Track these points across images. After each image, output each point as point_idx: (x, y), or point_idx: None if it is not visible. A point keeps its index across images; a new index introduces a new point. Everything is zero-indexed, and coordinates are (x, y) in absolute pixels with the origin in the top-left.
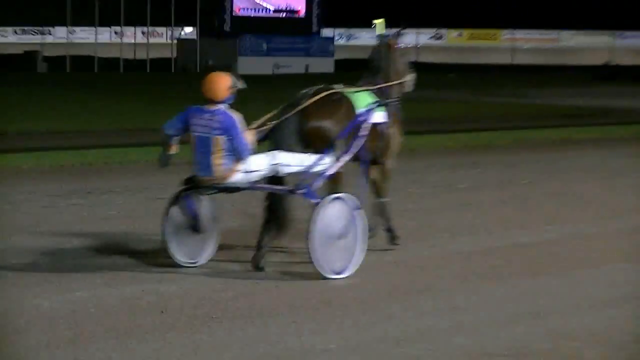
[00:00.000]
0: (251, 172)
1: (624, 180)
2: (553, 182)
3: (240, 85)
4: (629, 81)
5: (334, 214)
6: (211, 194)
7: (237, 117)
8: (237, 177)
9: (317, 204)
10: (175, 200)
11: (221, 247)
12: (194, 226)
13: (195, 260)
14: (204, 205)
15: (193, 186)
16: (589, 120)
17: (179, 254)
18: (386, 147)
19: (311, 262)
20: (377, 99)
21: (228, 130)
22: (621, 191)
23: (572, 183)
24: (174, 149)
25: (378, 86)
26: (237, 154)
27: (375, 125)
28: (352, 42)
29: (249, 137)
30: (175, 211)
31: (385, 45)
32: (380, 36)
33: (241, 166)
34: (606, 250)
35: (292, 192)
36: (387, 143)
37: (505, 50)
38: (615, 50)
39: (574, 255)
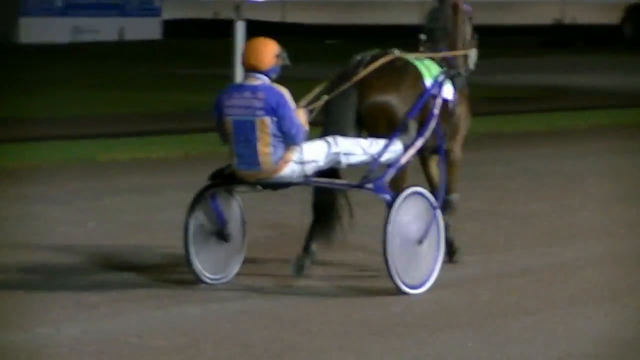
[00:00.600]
0: (307, 162)
1: (581, 188)
2: (473, 199)
3: (286, 60)
4: (587, 47)
5: (413, 213)
6: (250, 192)
7: (284, 92)
8: (290, 169)
9: (391, 201)
10: (199, 201)
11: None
12: (221, 234)
13: (221, 276)
14: (233, 207)
15: (222, 182)
16: (530, 106)
17: (203, 269)
18: (455, 131)
19: (376, 275)
20: (446, 69)
21: (275, 109)
22: (579, 206)
23: (504, 199)
24: None
25: (442, 54)
26: (288, 140)
27: (444, 102)
28: None
29: (301, 117)
30: (200, 215)
31: (451, 5)
32: None
33: (294, 155)
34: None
35: (359, 187)
36: (455, 125)
37: (413, 4)
38: (568, 4)
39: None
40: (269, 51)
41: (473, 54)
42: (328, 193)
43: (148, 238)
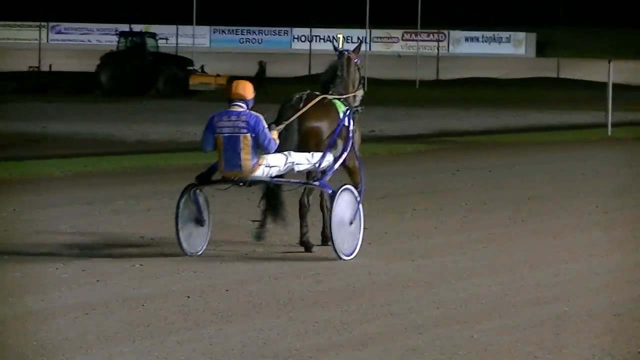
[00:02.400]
0: (272, 167)
1: None
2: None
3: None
4: (65, 94)
5: (345, 202)
6: (226, 188)
7: (260, 116)
8: (261, 171)
9: (332, 193)
10: (184, 195)
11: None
12: (199, 219)
13: (197, 251)
14: (204, 201)
15: (202, 182)
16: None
17: (186, 244)
18: (352, 150)
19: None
20: (349, 106)
21: (254, 128)
22: None
23: None
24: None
25: (345, 96)
26: (263, 149)
27: (348, 128)
28: None
29: (274, 134)
30: (185, 205)
31: (346, 59)
32: (340, 49)
33: (264, 161)
34: None
35: (309, 184)
36: (353, 145)
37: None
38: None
39: None
40: (250, 88)
41: (360, 94)
42: (276, 189)
43: None
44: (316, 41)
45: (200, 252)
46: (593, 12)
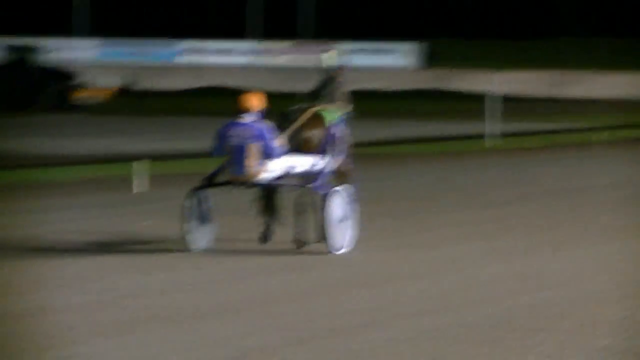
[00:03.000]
0: (272, 172)
1: None
2: None
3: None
4: None
5: (338, 202)
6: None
7: (267, 125)
8: (263, 175)
9: (326, 194)
10: (192, 195)
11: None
12: (204, 218)
13: (200, 247)
14: (209, 201)
15: (211, 184)
16: None
17: (191, 241)
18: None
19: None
20: (340, 114)
21: (260, 137)
22: None
23: None
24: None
25: (337, 105)
26: (268, 157)
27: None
28: None
29: (279, 142)
30: (193, 205)
31: (334, 74)
32: (329, 66)
33: (267, 167)
34: None
35: (304, 186)
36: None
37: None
38: None
39: None
40: (255, 100)
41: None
42: (272, 191)
43: None
44: (202, 54)
45: (204, 248)
46: (479, 23)
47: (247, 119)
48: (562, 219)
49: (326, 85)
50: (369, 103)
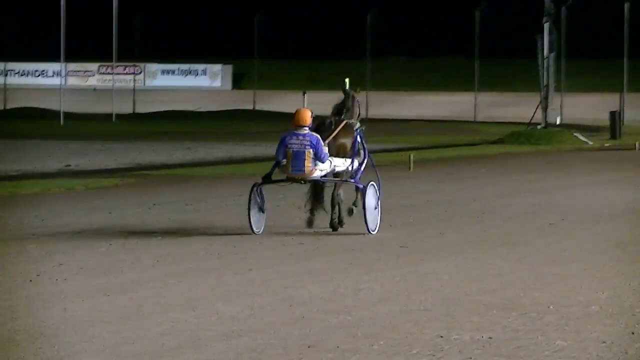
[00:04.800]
0: (322, 170)
1: None
2: None
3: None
4: None
5: (371, 193)
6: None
7: (318, 137)
8: (316, 173)
9: (364, 187)
10: (254, 190)
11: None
12: (262, 208)
13: (259, 230)
14: (264, 195)
15: (266, 182)
16: None
17: (255, 226)
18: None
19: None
20: (359, 126)
21: (314, 145)
22: None
23: None
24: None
25: (354, 120)
26: (319, 160)
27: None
28: None
29: (325, 149)
30: (254, 197)
31: (351, 96)
32: (347, 90)
33: (319, 167)
34: None
35: (348, 181)
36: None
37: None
38: None
39: None
40: (308, 115)
41: (358, 122)
42: (320, 184)
43: None
44: (11, 75)
45: (262, 231)
46: (287, 45)
47: (303, 130)
48: (376, 239)
49: (346, 103)
50: (181, 123)
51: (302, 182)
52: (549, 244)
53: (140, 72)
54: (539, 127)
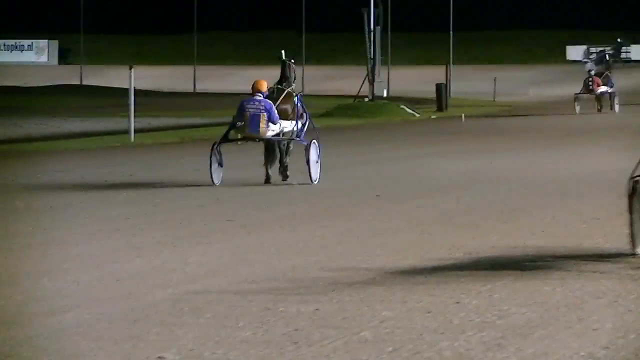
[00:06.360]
0: (273, 131)
1: None
2: None
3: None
4: None
5: (313, 149)
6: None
7: (271, 102)
8: (269, 133)
9: (308, 144)
10: (214, 148)
11: None
12: (220, 162)
13: (219, 182)
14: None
15: (223, 140)
16: None
17: (215, 179)
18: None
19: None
20: (297, 93)
21: (268, 109)
22: None
23: None
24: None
25: (291, 88)
26: (271, 122)
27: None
28: None
29: (276, 113)
30: (214, 155)
31: (288, 65)
32: (283, 59)
33: (271, 128)
34: None
35: (294, 140)
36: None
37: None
38: None
39: None
40: (265, 84)
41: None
42: (273, 143)
43: None
44: None
45: (220, 183)
46: (113, 20)
47: (259, 96)
48: (204, 213)
49: (284, 72)
50: (8, 99)
51: (257, 140)
52: (376, 216)
53: None
54: (366, 100)
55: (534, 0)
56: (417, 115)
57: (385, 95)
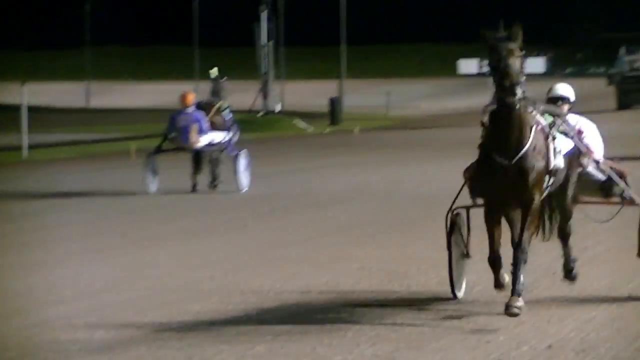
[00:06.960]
0: (204, 142)
1: None
2: None
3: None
4: None
5: (243, 159)
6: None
7: (202, 114)
8: (200, 145)
9: (237, 154)
10: (149, 158)
11: None
12: (155, 171)
13: (154, 190)
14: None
15: (157, 151)
16: None
17: (149, 188)
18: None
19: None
20: (227, 106)
21: (198, 121)
22: None
23: None
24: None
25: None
26: (202, 133)
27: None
28: None
29: (206, 124)
30: (150, 164)
31: (219, 83)
32: (214, 77)
33: (202, 139)
34: None
35: (223, 150)
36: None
37: None
38: None
39: None
40: (192, 97)
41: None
42: (202, 153)
43: None
44: None
45: (155, 190)
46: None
47: (188, 110)
48: (101, 226)
49: (214, 88)
50: None
51: (188, 150)
52: (271, 230)
53: None
54: (259, 114)
55: (428, 15)
56: (311, 129)
57: (278, 109)
